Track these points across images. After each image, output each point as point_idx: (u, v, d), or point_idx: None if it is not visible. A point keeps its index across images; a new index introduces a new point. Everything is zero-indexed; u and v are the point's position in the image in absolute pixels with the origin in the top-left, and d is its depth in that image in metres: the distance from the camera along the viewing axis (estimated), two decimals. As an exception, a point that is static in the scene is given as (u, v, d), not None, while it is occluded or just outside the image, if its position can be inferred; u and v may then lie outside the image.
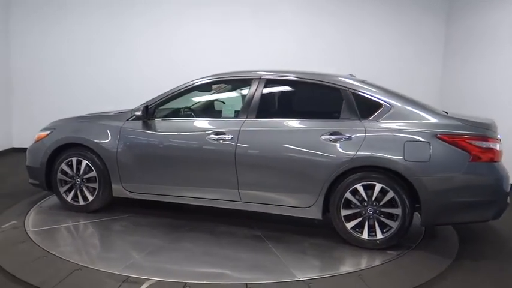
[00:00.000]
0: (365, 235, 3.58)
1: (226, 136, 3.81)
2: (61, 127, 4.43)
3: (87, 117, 4.52)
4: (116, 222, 4.10)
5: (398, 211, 3.48)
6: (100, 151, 4.16)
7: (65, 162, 4.28)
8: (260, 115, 3.87)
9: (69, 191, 4.32)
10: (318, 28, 7.70)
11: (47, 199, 4.73)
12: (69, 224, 4.04)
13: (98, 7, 7.62)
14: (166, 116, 4.23)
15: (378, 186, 3.51)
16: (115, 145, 4.12)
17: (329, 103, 3.95)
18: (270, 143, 3.76)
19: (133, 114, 4.10)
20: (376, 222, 3.55)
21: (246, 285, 2.89)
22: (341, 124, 3.67)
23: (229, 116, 4.04)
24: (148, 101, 4.16)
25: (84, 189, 4.28)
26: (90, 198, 4.26)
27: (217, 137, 3.83)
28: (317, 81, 3.90)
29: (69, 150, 4.29)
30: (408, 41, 7.70)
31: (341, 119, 3.72)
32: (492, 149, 3.44)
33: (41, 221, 4.09)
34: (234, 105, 4.16)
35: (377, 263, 3.33)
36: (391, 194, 3.48)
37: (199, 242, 3.65)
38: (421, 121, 3.56)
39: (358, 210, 3.58)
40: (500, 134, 3.73)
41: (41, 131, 4.53)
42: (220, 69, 4.38)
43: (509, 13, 5.94)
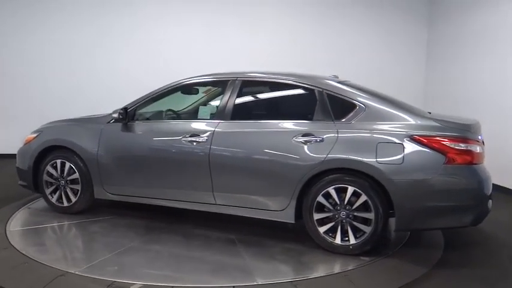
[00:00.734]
0: (338, 240, 3.47)
1: (201, 138, 3.79)
2: (47, 130, 4.53)
3: (73, 120, 4.60)
4: (95, 224, 4.14)
5: (372, 215, 3.36)
6: (82, 153, 4.22)
7: (50, 164, 4.37)
8: (235, 117, 3.83)
9: (55, 192, 4.41)
10: (302, 31, 7.84)
11: (29, 204, 4.72)
12: (48, 226, 4.10)
13: (81, 9, 7.56)
14: (145, 119, 4.25)
15: (350, 189, 3.39)
16: (96, 147, 4.18)
17: (303, 104, 3.87)
18: (243, 144, 3.71)
19: (112, 117, 4.15)
20: (349, 227, 3.44)
21: (172, 287, 2.83)
22: (314, 125, 3.58)
23: (205, 118, 4.02)
24: (129, 103, 4.21)
25: (68, 190, 4.35)
26: (74, 199, 4.33)
27: (192, 139, 3.82)
28: (291, 82, 3.83)
29: (55, 153, 4.37)
30: (391, 43, 7.91)
31: (314, 120, 3.63)
32: (470, 150, 3.26)
33: (22, 227, 4.05)
34: (211, 107, 4.13)
35: (344, 269, 3.21)
36: (364, 197, 3.36)
37: (169, 244, 3.63)
38: (396, 122, 3.43)
39: (330, 214, 3.48)
40: (482, 135, 3.55)
41: (31, 133, 4.65)
42: (206, 71, 4.38)
43: (488, 17, 6.18)
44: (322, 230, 3.50)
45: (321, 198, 3.47)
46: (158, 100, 4.21)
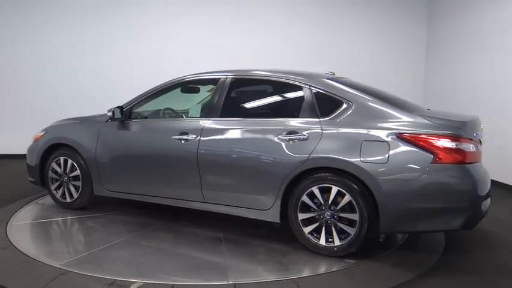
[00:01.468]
0: (322, 241, 3.36)
1: (190, 136, 3.80)
2: (53, 128, 4.70)
3: (77, 118, 4.74)
4: (93, 219, 4.26)
5: (356, 216, 3.23)
6: (82, 151, 4.35)
7: (54, 161, 4.54)
8: (223, 115, 3.81)
9: (59, 188, 4.57)
10: (301, 29, 7.88)
11: (39, 200, 4.93)
12: (47, 221, 4.24)
13: (81, 10, 7.63)
14: (143, 117, 4.31)
15: (335, 189, 3.28)
16: (94, 146, 4.29)
17: (291, 101, 3.78)
18: (229, 142, 3.69)
19: (107, 116, 4.24)
20: (333, 228, 3.32)
21: (172, 286, 2.84)
22: (299, 123, 3.49)
23: (195, 116, 4.02)
24: (126, 102, 4.29)
25: (70, 187, 4.50)
26: (76, 195, 4.48)
27: (181, 137, 3.83)
28: (279, 79, 3.76)
29: (59, 150, 4.54)
30: (390, 42, 8.00)
31: (300, 117, 3.54)
32: (461, 149, 3.06)
33: (22, 227, 4.07)
34: (202, 106, 4.13)
35: (322, 271, 3.12)
36: (348, 197, 3.24)
37: (155, 241, 3.67)
38: (384, 120, 3.28)
39: (315, 215, 3.38)
40: (479, 133, 3.33)
41: (39, 132, 4.85)
42: (204, 70, 4.39)
43: (487, 16, 6.26)
44: (307, 230, 3.41)
45: (305, 198, 3.38)
46: (153, 99, 4.25)
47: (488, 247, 3.76)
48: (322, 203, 3.33)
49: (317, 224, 3.37)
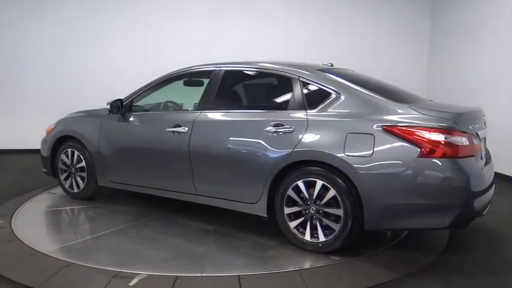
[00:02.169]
0: (308, 236, 3.27)
1: (182, 128, 3.81)
2: (63, 121, 4.88)
3: (84, 111, 4.87)
4: (94, 209, 4.38)
5: (341, 212, 3.11)
6: (86, 143, 4.49)
7: (63, 152, 4.71)
8: (215, 107, 3.79)
9: (67, 178, 4.75)
10: (304, 20, 7.84)
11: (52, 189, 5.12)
12: (50, 210, 4.41)
13: (74, 4, 7.56)
14: (141, 110, 4.38)
15: (319, 183, 3.18)
16: (97, 138, 4.41)
17: (280, 93, 3.69)
18: (219, 135, 3.66)
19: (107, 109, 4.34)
20: (318, 223, 3.23)
21: (177, 277, 2.81)
22: (286, 115, 3.40)
23: (189, 109, 4.02)
24: (126, 96, 4.37)
25: (77, 177, 4.66)
26: (82, 186, 4.63)
27: (175, 129, 3.85)
28: (269, 71, 3.69)
29: (67, 142, 4.70)
30: (394, 33, 7.98)
31: (288, 109, 3.45)
32: (450, 143, 2.86)
33: (27, 219, 4.07)
34: (196, 98, 4.12)
35: (300, 267, 3.03)
36: (333, 192, 3.13)
37: (145, 231, 3.73)
38: (371, 111, 3.13)
39: (301, 209, 3.29)
40: (476, 126, 3.11)
41: (52, 124, 5.05)
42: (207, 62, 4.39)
43: (491, 6, 6.23)
44: (293, 225, 3.33)
45: (291, 192, 3.30)
46: (152, 92, 4.30)
47: (489, 244, 3.58)
48: (307, 197, 3.24)
49: (302, 219, 3.29)
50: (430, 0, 7.91)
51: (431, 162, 2.86)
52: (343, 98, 3.25)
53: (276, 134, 3.34)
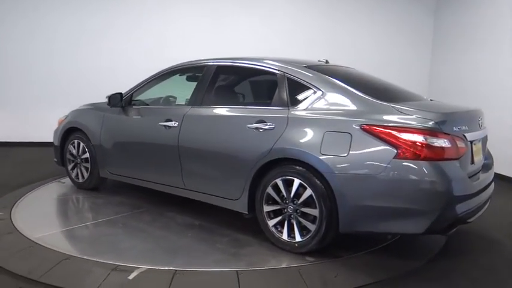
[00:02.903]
0: (285, 236, 3.21)
1: (173, 123, 3.85)
2: (72, 113, 5.06)
3: (91, 104, 5.02)
4: (93, 199, 4.51)
5: (316, 212, 3.03)
6: (90, 135, 4.63)
7: (70, 143, 4.90)
8: (204, 102, 3.80)
9: (74, 169, 4.93)
10: (307, 18, 7.87)
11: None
12: (53, 198, 4.58)
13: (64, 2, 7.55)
14: (142, 104, 4.46)
15: (296, 182, 3.11)
16: (99, 130, 4.54)
17: (266, 89, 3.63)
18: (206, 130, 3.67)
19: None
20: (295, 223, 3.16)
21: (175, 271, 2.84)
22: (268, 112, 3.35)
23: (181, 104, 4.05)
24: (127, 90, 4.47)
25: (82, 168, 4.82)
26: (86, 176, 4.79)
27: (166, 123, 3.89)
28: (257, 67, 3.64)
29: (74, 134, 4.88)
30: (397, 31, 8.05)
31: (272, 106, 3.40)
32: (429, 144, 2.70)
33: (26, 211, 4.08)
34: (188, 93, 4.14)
35: (270, 266, 2.97)
36: (309, 191, 3.05)
37: (131, 223, 3.79)
38: (352, 110, 3.02)
39: (279, 208, 3.24)
40: (465, 127, 2.92)
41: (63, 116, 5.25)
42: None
43: (496, 4, 6.20)
44: (271, 223, 3.28)
45: (270, 190, 3.25)
46: (151, 86, 4.37)
47: (488, 245, 3.49)
48: (285, 196, 3.17)
49: (280, 218, 3.23)
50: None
51: (407, 164, 2.71)
52: (325, 95, 3.16)
53: (257, 131, 3.30)
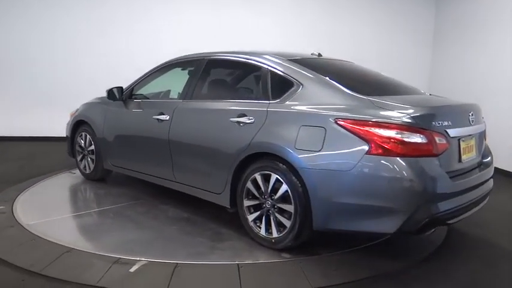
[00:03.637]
0: (263, 231, 3.17)
1: (165, 116, 3.89)
2: (82, 106, 5.23)
3: (99, 98, 5.15)
4: (95, 190, 4.66)
5: (291, 208, 2.96)
6: (95, 128, 4.78)
7: (79, 136, 5.08)
8: (194, 96, 3.81)
9: (82, 160, 5.11)
10: (308, 14, 7.83)
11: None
12: (50, 197, 4.66)
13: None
14: (142, 98, 4.53)
15: (273, 177, 3.05)
16: (103, 123, 4.67)
17: (250, 82, 3.59)
18: (193, 124, 3.69)
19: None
20: (272, 218, 3.11)
21: (177, 264, 2.85)
22: (250, 105, 3.31)
23: (173, 98, 4.08)
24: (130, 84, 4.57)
25: (88, 159, 4.99)
26: (92, 168, 4.95)
27: (158, 117, 3.94)
28: (242, 60, 3.59)
29: (83, 126, 5.05)
30: (398, 24, 8.02)
31: (254, 99, 3.36)
32: (403, 140, 2.57)
33: (28, 205, 4.08)
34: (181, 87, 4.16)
35: (244, 261, 2.93)
36: (285, 187, 2.99)
37: (124, 214, 3.88)
38: (329, 103, 2.92)
39: (258, 203, 3.20)
40: (448, 123, 2.75)
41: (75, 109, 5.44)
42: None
43: (495, 1, 6.22)
44: (251, 218, 3.25)
45: (249, 185, 3.22)
46: (150, 80, 4.43)
47: (488, 239, 3.44)
48: (263, 191, 3.13)
49: (259, 213, 3.19)
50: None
51: (379, 161, 2.60)
52: (305, 88, 3.08)
53: (238, 125, 3.27)
